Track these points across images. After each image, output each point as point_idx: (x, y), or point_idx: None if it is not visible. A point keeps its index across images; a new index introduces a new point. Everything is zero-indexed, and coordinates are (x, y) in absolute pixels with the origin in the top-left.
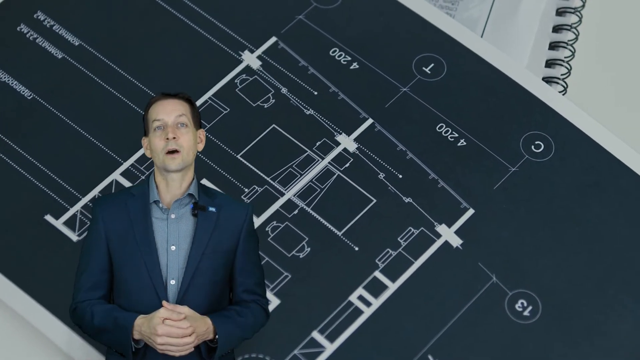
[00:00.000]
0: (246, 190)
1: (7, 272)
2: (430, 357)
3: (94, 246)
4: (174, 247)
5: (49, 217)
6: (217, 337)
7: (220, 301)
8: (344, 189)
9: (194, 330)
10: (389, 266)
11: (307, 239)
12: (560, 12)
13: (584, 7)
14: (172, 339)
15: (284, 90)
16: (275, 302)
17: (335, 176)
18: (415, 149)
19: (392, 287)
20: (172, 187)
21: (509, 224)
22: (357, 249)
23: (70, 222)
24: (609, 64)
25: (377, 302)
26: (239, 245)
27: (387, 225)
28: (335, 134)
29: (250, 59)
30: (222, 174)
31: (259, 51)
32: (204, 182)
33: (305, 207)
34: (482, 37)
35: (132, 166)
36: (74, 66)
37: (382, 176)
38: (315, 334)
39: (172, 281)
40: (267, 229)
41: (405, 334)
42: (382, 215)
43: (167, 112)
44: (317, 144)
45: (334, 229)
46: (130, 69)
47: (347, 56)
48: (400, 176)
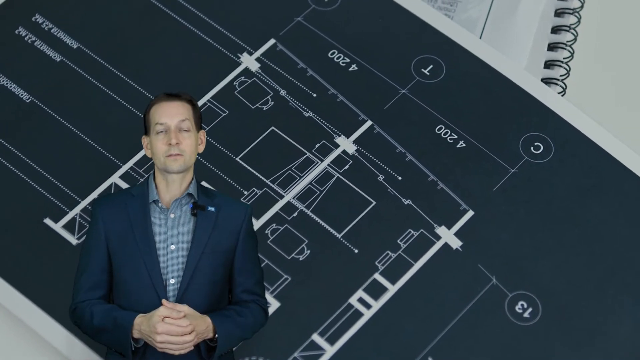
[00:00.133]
0: (245, 192)
1: (6, 275)
2: (430, 359)
3: (94, 246)
4: (173, 247)
5: (48, 221)
6: (216, 336)
7: (219, 301)
8: (344, 191)
9: (194, 328)
10: (389, 268)
11: (307, 241)
12: (559, 13)
13: (582, 8)
14: (171, 337)
15: (283, 92)
16: (275, 304)
17: (334, 178)
18: (414, 151)
19: (392, 289)
20: (172, 187)
21: (509, 226)
22: (356, 251)
23: (69, 226)
24: (607, 65)
25: (377, 305)
26: (238, 245)
27: (387, 227)
28: (334, 136)
29: (248, 61)
30: (221, 176)
31: (258, 53)
32: (203, 184)
33: (304, 209)
34: (480, 38)
35: (131, 169)
36: (73, 69)
37: (381, 178)
38: (315, 337)
39: (172, 280)
40: (266, 232)
41: (405, 336)
42: (381, 217)
43: (169, 116)
44: (316, 146)
45: (334, 231)
46: (128, 72)
47: (345, 58)
48: (399, 178)
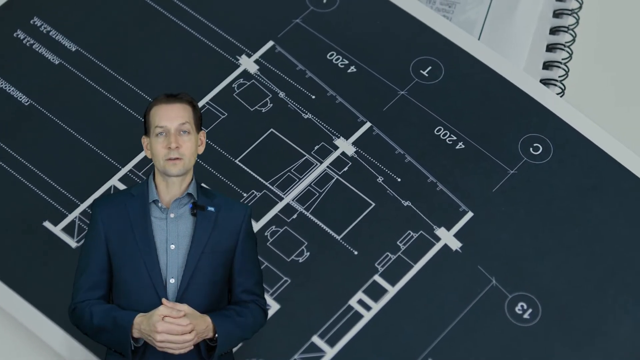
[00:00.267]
0: (245, 195)
1: (5, 278)
2: None
3: (94, 247)
4: (173, 246)
5: (47, 224)
6: (216, 336)
7: (219, 301)
8: (343, 192)
9: (194, 327)
10: (389, 270)
11: (306, 243)
12: (557, 14)
13: (581, 8)
14: (171, 336)
15: (282, 94)
16: (274, 306)
17: (333, 180)
18: (413, 152)
19: (392, 290)
20: (172, 187)
21: (508, 227)
22: (356, 252)
23: (68, 229)
24: (606, 65)
25: (377, 306)
26: (238, 245)
27: (386, 228)
28: (333, 137)
29: (247, 63)
30: (221, 178)
31: (256, 55)
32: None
33: (304, 211)
34: (479, 39)
35: (131, 172)
36: (71, 72)
37: (380, 180)
38: (315, 339)
39: (172, 280)
40: (266, 234)
41: (405, 338)
42: (381, 218)
43: (170, 119)
44: (316, 148)
45: (333, 233)
46: (127, 74)
47: (344, 60)
48: (398, 179)
